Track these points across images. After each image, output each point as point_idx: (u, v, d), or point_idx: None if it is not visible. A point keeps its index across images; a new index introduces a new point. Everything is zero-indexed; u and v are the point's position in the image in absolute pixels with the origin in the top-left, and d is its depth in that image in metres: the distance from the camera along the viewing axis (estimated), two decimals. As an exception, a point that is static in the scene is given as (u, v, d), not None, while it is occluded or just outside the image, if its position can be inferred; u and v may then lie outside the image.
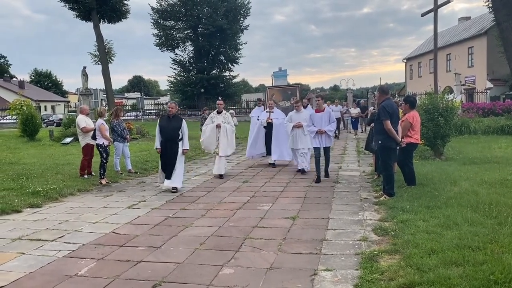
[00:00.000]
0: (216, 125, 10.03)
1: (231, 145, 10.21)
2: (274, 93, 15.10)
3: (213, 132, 10.04)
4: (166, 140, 8.57)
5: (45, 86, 76.47)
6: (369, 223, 5.86)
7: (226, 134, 10.02)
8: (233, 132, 10.23)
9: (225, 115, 10.21)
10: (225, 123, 10.08)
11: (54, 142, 19.55)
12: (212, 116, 10.35)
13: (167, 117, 8.76)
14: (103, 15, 35.38)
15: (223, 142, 9.98)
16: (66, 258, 4.92)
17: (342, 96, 58.36)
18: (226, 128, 10.04)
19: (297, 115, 10.31)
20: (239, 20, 53.17)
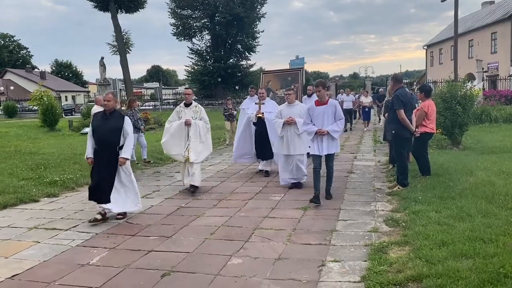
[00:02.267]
0: (184, 121, 7.54)
1: (207, 146, 7.69)
2: (270, 79, 11.88)
3: (181, 131, 7.55)
4: (101, 148, 5.96)
5: (66, 76, 77.66)
6: (380, 214, 5.82)
7: (199, 133, 7.54)
8: (208, 130, 7.73)
9: (195, 108, 7.67)
10: (196, 118, 7.60)
11: (73, 132, 19.90)
12: (178, 110, 7.80)
13: (102, 114, 6.13)
14: (120, 5, 35.58)
15: (195, 144, 7.51)
16: (80, 247, 5.03)
17: (361, 84, 57.72)
18: (198, 125, 7.54)
19: (289, 109, 7.68)
20: (256, 8, 52.79)
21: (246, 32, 53.50)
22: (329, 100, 6.66)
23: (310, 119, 6.63)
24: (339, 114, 6.58)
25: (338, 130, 6.54)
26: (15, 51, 78.01)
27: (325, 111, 6.54)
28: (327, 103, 6.59)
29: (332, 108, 6.56)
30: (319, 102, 6.65)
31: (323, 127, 6.45)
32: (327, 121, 6.50)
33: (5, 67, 70.37)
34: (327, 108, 6.55)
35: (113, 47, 36.46)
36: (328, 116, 6.52)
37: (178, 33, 53.97)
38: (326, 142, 6.51)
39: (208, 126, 7.72)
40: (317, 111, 6.58)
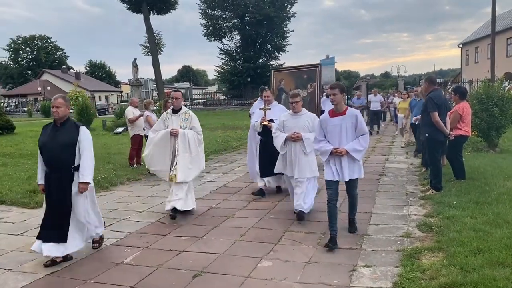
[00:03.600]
0: (170, 131, 6.18)
1: (198, 162, 6.32)
2: (282, 78, 9.98)
3: (166, 142, 6.22)
4: (50, 170, 4.58)
5: (99, 76, 79.71)
6: (413, 218, 5.72)
7: (188, 146, 6.16)
8: (200, 142, 6.37)
9: (185, 116, 6.31)
10: (186, 127, 6.25)
11: (107, 131, 20.42)
12: (164, 117, 6.43)
13: (52, 126, 4.69)
14: (153, 7, 36.27)
15: (184, 159, 6.15)
16: (114, 246, 5.17)
17: (393, 83, 56.64)
18: (187, 136, 6.16)
19: (294, 120, 6.08)
20: (286, 8, 52.70)
21: (275, 32, 53.48)
22: (348, 110, 4.97)
23: (324, 134, 5.01)
24: (362, 128, 4.91)
25: (361, 149, 4.87)
26: (52, 52, 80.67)
27: (343, 124, 4.90)
28: (345, 113, 4.92)
29: (351, 119, 4.90)
30: (335, 112, 4.98)
31: (341, 145, 4.86)
32: (346, 137, 4.89)
33: (42, 68, 72.95)
34: (345, 119, 4.90)
35: (145, 48, 37.25)
36: (347, 131, 4.89)
37: (209, 34, 54.50)
38: (346, 164, 4.88)
39: (200, 137, 6.32)
40: (332, 124, 4.93)
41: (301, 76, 9.80)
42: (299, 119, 6.05)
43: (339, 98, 4.90)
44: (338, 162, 4.91)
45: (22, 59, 79.35)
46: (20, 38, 77.97)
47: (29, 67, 78.48)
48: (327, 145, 4.93)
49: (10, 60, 78.80)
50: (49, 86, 61.52)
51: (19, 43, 77.82)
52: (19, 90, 63.89)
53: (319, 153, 5.13)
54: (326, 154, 4.92)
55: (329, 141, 4.95)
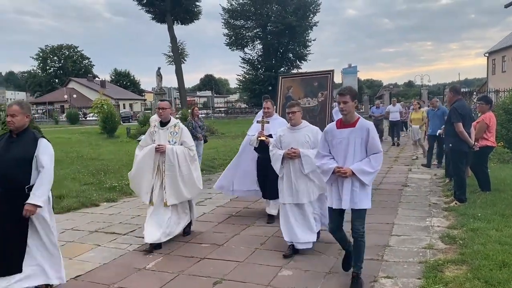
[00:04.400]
0: (155, 147, 5.33)
1: (190, 184, 5.45)
2: (290, 85, 8.90)
3: (150, 160, 5.35)
4: (1, 189, 3.78)
5: (124, 85, 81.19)
6: (436, 230, 5.62)
7: (178, 164, 5.31)
8: (193, 160, 5.52)
9: (174, 129, 5.47)
10: (175, 143, 5.41)
11: (131, 139, 20.76)
12: (151, 131, 5.60)
13: (8, 136, 4.04)
14: (176, 17, 36.85)
15: (173, 180, 5.31)
16: (137, 251, 5.26)
17: (416, 93, 55.92)
18: (175, 153, 5.31)
19: (291, 135, 5.13)
20: (308, 17, 52.76)
21: (297, 41, 53.57)
22: (359, 121, 4.04)
23: (328, 148, 4.14)
24: (374, 144, 3.97)
25: (371, 171, 3.91)
26: (78, 61, 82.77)
27: (351, 138, 3.99)
28: (355, 124, 4.02)
29: (362, 133, 3.97)
30: (343, 123, 4.08)
31: (346, 164, 3.96)
32: (353, 155, 3.98)
33: (69, 76, 74.83)
34: (355, 133, 3.99)
35: (169, 57, 37.81)
36: (355, 147, 3.98)
37: (231, 43, 54.98)
38: (349, 188, 3.93)
39: (192, 153, 5.47)
40: (339, 137, 4.04)
41: (311, 84, 8.65)
42: (298, 134, 5.07)
43: (350, 106, 3.97)
44: (340, 185, 3.98)
45: (50, 67, 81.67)
46: (48, 47, 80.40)
47: (56, 76, 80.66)
48: (331, 162, 4.02)
49: (38, 68, 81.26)
50: (75, 94, 63.04)
51: (47, 52, 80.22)
52: (46, 98, 65.70)
53: (320, 171, 4.20)
54: (328, 173, 4.01)
55: (334, 158, 4.08)
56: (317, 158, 4.22)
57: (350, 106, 4.00)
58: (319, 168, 4.18)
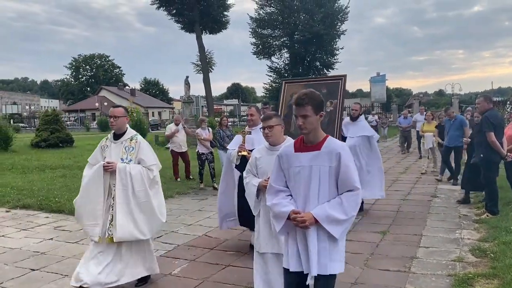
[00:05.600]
0: (104, 165, 4.16)
1: (147, 214, 4.20)
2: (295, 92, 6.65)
3: (98, 183, 4.18)
4: None
5: (153, 93, 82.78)
6: (466, 242, 5.48)
7: (132, 189, 4.14)
8: (153, 183, 4.31)
9: (130, 143, 4.30)
10: (131, 161, 4.23)
11: (159, 146, 21.12)
12: (103, 144, 4.41)
13: None
14: (205, 27, 37.39)
15: (124, 209, 4.12)
16: (163, 257, 5.33)
17: (447, 101, 54.72)
18: (128, 173, 4.14)
19: (269, 157, 3.61)
20: (336, 25, 52.57)
21: (325, 50, 53.39)
22: (327, 142, 2.76)
23: (284, 180, 2.86)
24: (349, 178, 2.70)
25: (342, 218, 2.65)
26: (109, 70, 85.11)
27: (314, 166, 2.73)
28: (321, 146, 2.75)
29: (331, 159, 2.71)
30: (303, 144, 2.81)
31: (307, 206, 2.71)
32: (317, 192, 2.72)
33: (100, 84, 76.92)
34: (320, 158, 2.73)
35: (197, 66, 38.34)
36: (321, 179, 2.71)
37: (258, 52, 55.31)
38: (314, 243, 2.66)
39: (152, 174, 4.24)
40: (297, 164, 2.78)
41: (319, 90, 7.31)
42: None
43: (313, 121, 2.70)
44: (301, 238, 2.71)
45: (82, 76, 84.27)
46: (81, 57, 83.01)
47: (88, 84, 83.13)
48: (286, 203, 2.74)
49: (71, 77, 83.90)
50: (106, 102, 64.70)
51: (80, 61, 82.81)
52: (78, 106, 67.70)
53: (271, 215, 2.91)
54: (281, 220, 2.75)
55: (292, 195, 2.80)
56: (269, 193, 2.87)
57: (313, 121, 2.69)
58: (271, 210, 2.86)
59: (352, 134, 6.86)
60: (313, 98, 2.72)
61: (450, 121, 9.82)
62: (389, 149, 19.82)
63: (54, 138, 20.34)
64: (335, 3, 50.09)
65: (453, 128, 9.62)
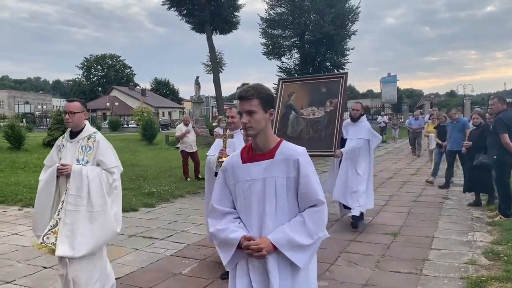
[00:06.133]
0: (58, 167, 3.56)
1: (103, 225, 3.57)
2: (293, 91, 6.94)
3: (51, 188, 3.62)
4: None
5: (163, 93, 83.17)
6: (479, 245, 5.41)
7: (88, 194, 3.53)
8: (113, 189, 3.69)
9: (87, 142, 3.71)
10: (88, 162, 3.64)
11: (169, 146, 21.21)
12: (59, 144, 3.80)
13: None
14: (215, 27, 37.47)
15: (75, 220, 3.49)
16: (173, 256, 5.35)
17: (458, 103, 54.15)
18: (85, 176, 3.54)
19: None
20: (347, 26, 52.35)
21: (335, 50, 53.19)
22: (281, 147, 2.26)
23: (231, 198, 2.32)
24: (311, 189, 2.19)
25: (307, 242, 2.16)
26: (121, 70, 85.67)
27: (268, 179, 2.21)
28: (274, 153, 2.24)
29: (288, 168, 2.21)
30: (252, 152, 2.29)
31: (263, 229, 2.19)
32: (274, 210, 2.20)
33: (111, 84, 77.50)
34: (275, 168, 2.22)
35: (207, 67, 38.43)
36: (277, 194, 2.20)
37: (268, 52, 55.27)
38: (276, 278, 2.15)
39: (112, 178, 3.67)
40: (247, 178, 2.25)
41: (319, 89, 6.79)
42: None
43: (259, 120, 2.19)
44: (255, 272, 2.20)
45: (93, 76, 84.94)
46: (93, 57, 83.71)
47: (99, 84, 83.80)
48: (233, 228, 2.20)
49: (83, 77, 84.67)
50: (117, 102, 65.11)
51: (91, 61, 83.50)
52: (89, 105, 67.91)
53: (216, 243, 2.31)
54: (230, 249, 2.20)
55: (241, 217, 2.26)
56: (211, 218, 2.31)
57: (261, 119, 2.19)
58: (215, 237, 2.27)
59: (352, 136, 6.29)
60: (261, 92, 2.24)
61: (452, 124, 9.40)
62: (400, 150, 19.68)
63: (66, 137, 20.51)
64: (346, 4, 49.87)
65: (455, 130, 9.20)
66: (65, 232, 3.46)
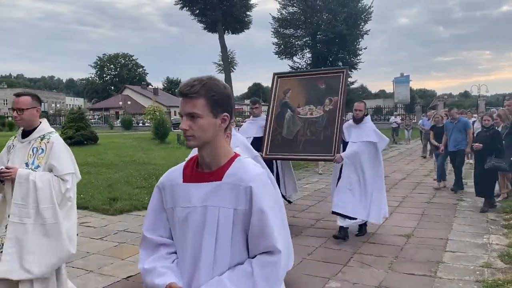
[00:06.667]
0: (1, 170, 3.03)
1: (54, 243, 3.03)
2: (289, 88, 6.35)
3: None
4: None
5: (175, 93, 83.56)
6: (495, 248, 5.33)
7: (36, 205, 3.00)
8: (67, 200, 3.14)
9: (39, 143, 3.16)
10: (38, 167, 3.10)
11: (181, 145, 21.28)
12: (10, 144, 3.27)
13: None
14: (227, 27, 37.56)
15: (20, 234, 2.97)
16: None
17: (472, 103, 53.50)
18: (33, 183, 3.00)
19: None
20: (359, 25, 52.08)
21: (347, 50, 52.95)
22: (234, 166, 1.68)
23: (168, 226, 1.77)
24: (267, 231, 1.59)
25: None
26: (133, 69, 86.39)
27: (211, 209, 1.64)
28: (223, 174, 1.66)
29: (238, 197, 1.62)
30: (196, 169, 1.72)
31: (196, 276, 1.64)
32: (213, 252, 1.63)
33: (124, 83, 78.13)
34: (221, 192, 1.64)
35: (219, 66, 38.56)
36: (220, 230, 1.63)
37: (280, 52, 55.20)
38: None
39: (65, 187, 3.13)
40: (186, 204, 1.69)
41: (317, 86, 6.14)
42: None
43: (206, 126, 1.63)
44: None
45: (106, 75, 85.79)
46: (106, 56, 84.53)
47: (112, 83, 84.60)
48: (161, 270, 1.69)
49: (96, 76, 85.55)
50: (129, 101, 65.62)
51: (105, 61, 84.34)
52: (102, 104, 68.90)
53: (143, 285, 1.76)
54: None
55: (178, 252, 1.75)
56: (142, 248, 1.79)
57: (206, 127, 1.63)
58: (142, 278, 1.75)
59: (355, 139, 5.61)
60: (211, 88, 1.61)
61: (452, 123, 9.12)
62: (413, 151, 19.50)
63: (79, 135, 20.72)
64: (359, 3, 49.64)
65: (456, 130, 8.93)
66: (7, 249, 2.94)
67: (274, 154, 5.98)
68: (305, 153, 5.85)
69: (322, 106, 5.92)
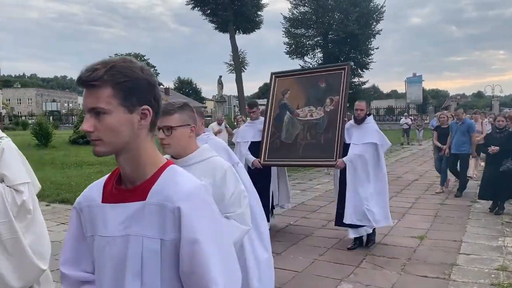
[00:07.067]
0: None
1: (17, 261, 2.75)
2: (288, 88, 5.98)
3: None
4: None
5: (186, 93, 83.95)
6: (510, 251, 5.24)
7: None
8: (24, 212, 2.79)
9: None
10: None
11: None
12: None
13: None
14: (238, 27, 37.60)
15: None
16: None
17: (486, 104, 52.81)
18: None
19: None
20: (371, 25, 51.76)
21: (359, 49, 52.65)
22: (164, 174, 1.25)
23: (89, 257, 1.35)
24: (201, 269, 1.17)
25: None
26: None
27: (133, 238, 1.22)
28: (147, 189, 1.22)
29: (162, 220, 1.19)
30: (116, 184, 1.29)
31: None
32: None
33: (136, 83, 78.67)
34: (144, 217, 1.21)
35: (229, 66, 38.63)
36: (144, 268, 1.21)
37: (291, 52, 55.10)
38: None
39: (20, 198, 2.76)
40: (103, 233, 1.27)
41: (317, 85, 5.73)
42: None
43: (112, 122, 1.18)
44: None
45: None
46: (117, 56, 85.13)
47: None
48: None
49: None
50: (140, 101, 66.02)
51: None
52: (114, 104, 69.31)
53: None
54: None
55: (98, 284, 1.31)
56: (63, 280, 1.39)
57: (116, 127, 1.19)
58: None
59: (357, 141, 5.27)
60: (120, 73, 1.21)
61: (457, 124, 8.75)
62: (425, 152, 19.31)
63: (91, 135, 20.91)
64: (371, 2, 49.40)
65: (459, 132, 8.59)
66: None
67: (273, 160, 5.66)
68: (305, 158, 5.52)
69: (322, 106, 5.58)
